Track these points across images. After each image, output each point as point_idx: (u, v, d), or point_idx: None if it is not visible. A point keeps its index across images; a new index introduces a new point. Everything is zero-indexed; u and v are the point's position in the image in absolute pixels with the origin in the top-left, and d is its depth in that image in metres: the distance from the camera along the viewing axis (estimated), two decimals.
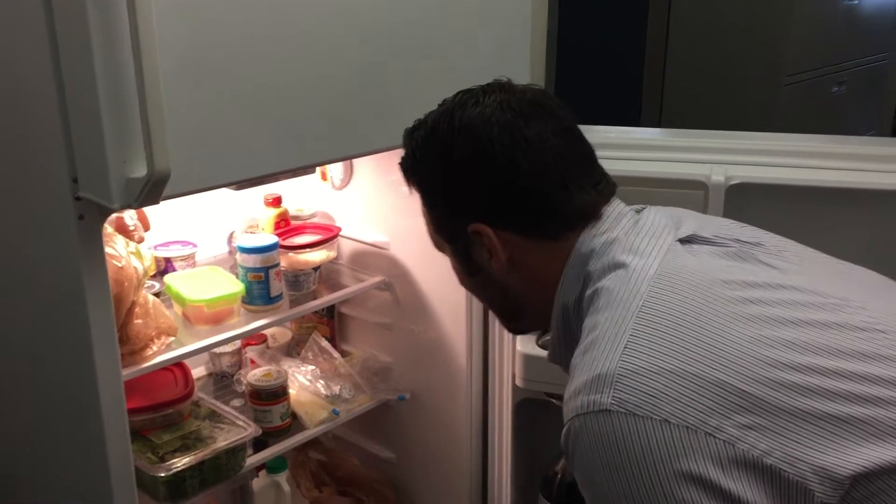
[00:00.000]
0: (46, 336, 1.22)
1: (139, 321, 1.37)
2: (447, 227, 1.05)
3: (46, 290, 1.18)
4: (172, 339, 1.42)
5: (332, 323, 1.91)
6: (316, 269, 1.69)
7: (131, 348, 1.36)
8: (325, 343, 1.79)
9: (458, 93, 1.02)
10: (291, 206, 1.78)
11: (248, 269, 1.54)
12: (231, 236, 1.76)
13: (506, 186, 0.97)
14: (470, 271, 1.06)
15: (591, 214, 0.99)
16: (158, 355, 1.38)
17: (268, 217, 1.70)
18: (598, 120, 1.01)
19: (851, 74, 3.28)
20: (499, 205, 0.99)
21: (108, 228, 1.42)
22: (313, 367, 1.75)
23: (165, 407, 1.49)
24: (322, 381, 1.73)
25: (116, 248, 1.35)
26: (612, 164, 1.00)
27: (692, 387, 0.80)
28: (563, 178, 0.98)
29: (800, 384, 0.81)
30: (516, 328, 1.17)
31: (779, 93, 2.98)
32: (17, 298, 1.26)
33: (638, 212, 1.01)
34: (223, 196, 1.67)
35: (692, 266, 0.92)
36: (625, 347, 0.83)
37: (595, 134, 1.02)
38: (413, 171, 1.05)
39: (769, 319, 0.86)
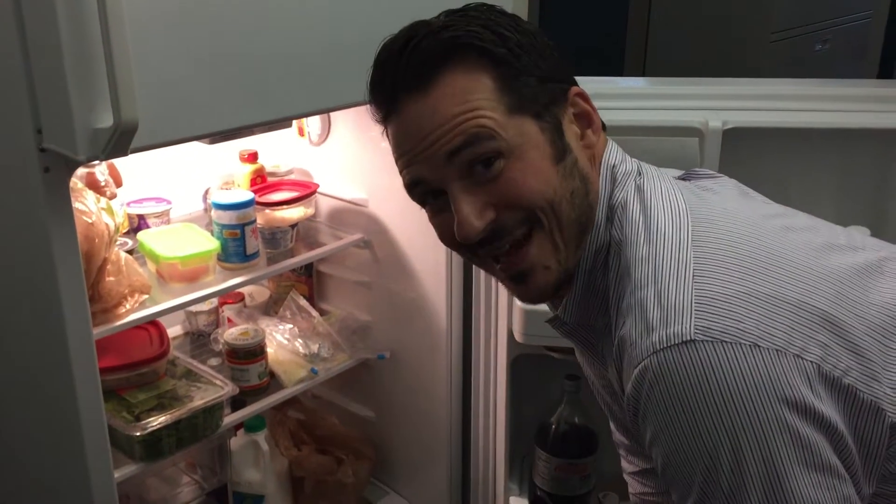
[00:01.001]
0: (13, 294, 1.19)
1: (111, 279, 1.34)
2: (541, 97, 0.89)
3: (13, 246, 1.15)
4: (146, 296, 1.40)
5: (311, 281, 1.89)
6: (293, 226, 1.67)
7: (103, 306, 1.33)
8: (303, 301, 1.77)
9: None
10: (268, 162, 1.75)
11: (223, 226, 1.51)
12: (206, 193, 1.73)
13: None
14: (559, 154, 0.89)
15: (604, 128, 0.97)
16: (132, 313, 1.36)
17: (243, 173, 1.67)
18: (579, 72, 0.98)
19: (835, 33, 3.26)
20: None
21: (78, 184, 1.39)
22: (291, 326, 1.73)
23: (140, 366, 1.47)
24: (300, 340, 1.71)
25: (87, 203, 1.31)
26: (603, 114, 0.97)
27: (772, 308, 0.77)
28: None
29: (870, 303, 0.80)
30: (568, 256, 0.92)
31: (763, 50, 2.95)
32: None
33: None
34: (198, 151, 1.64)
35: (714, 197, 0.90)
36: (694, 274, 0.79)
37: (582, 84, 1.00)
38: (496, 44, 0.87)
39: (808, 243, 0.84)
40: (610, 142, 0.95)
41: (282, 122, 1.32)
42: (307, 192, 1.68)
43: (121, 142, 0.96)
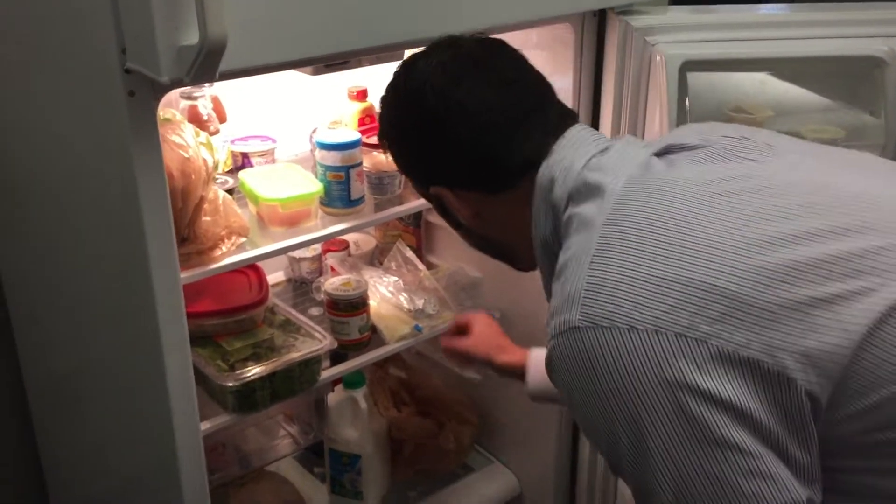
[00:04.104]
0: (96, 229, 1.13)
1: (208, 218, 1.27)
2: (418, 189, 1.10)
3: (96, 178, 1.08)
4: (244, 239, 1.32)
5: (419, 232, 1.79)
6: None
7: (199, 247, 1.26)
8: (409, 253, 1.67)
9: (413, 53, 1.06)
10: (378, 101, 1.63)
11: (327, 168, 1.41)
12: (313, 133, 1.63)
13: (448, 151, 1.00)
14: (453, 226, 1.11)
15: (541, 156, 0.98)
16: (228, 256, 1.28)
17: (351, 112, 1.56)
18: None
19: None
20: (447, 168, 1.02)
21: (177, 116, 1.32)
22: (396, 279, 1.63)
23: (238, 312, 1.40)
24: (405, 294, 1.61)
25: (184, 137, 1.24)
26: (764, 45, 0.81)
27: (658, 289, 0.79)
28: (506, 131, 0.98)
29: (773, 273, 0.79)
30: (523, 268, 1.15)
31: None
32: (66, 188, 1.18)
33: (604, 147, 0.97)
34: (305, 88, 1.56)
35: (662, 173, 0.90)
36: (590, 263, 0.83)
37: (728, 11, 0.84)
38: (382, 135, 1.11)
39: (739, 211, 0.83)
40: (546, 160, 0.98)
41: (392, 53, 1.20)
42: None
43: (207, 62, 0.86)
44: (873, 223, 0.83)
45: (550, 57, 1.41)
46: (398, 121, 1.06)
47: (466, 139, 0.98)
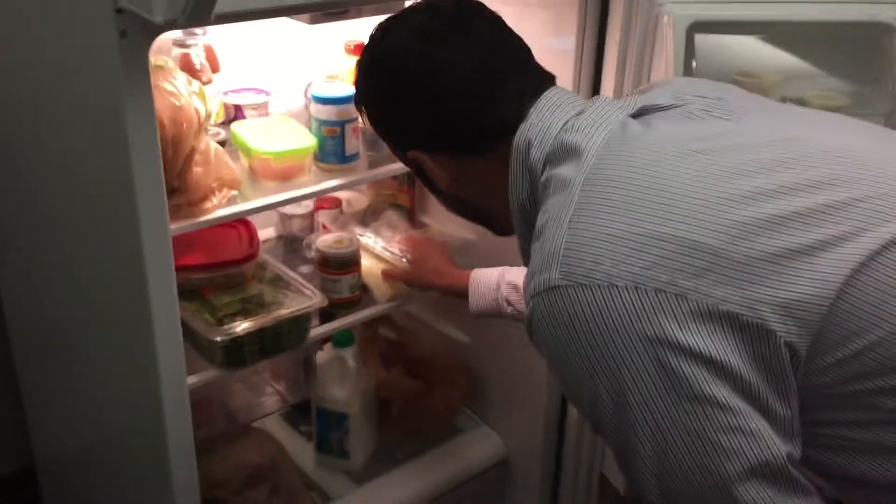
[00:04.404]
0: (86, 173, 1.10)
1: (199, 169, 1.24)
2: (396, 154, 1.10)
3: (85, 122, 1.05)
4: (235, 192, 1.29)
5: (413, 192, 1.76)
6: None
7: (189, 198, 1.23)
8: (402, 215, 1.65)
9: (388, 17, 1.04)
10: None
11: (322, 122, 1.38)
12: (308, 88, 1.60)
13: (427, 114, 1.00)
14: (432, 190, 1.11)
15: (518, 119, 0.98)
16: (219, 209, 1.26)
17: (349, 66, 1.52)
18: None
19: None
20: (425, 132, 1.03)
21: (169, 62, 1.28)
22: (389, 238, 1.60)
23: (227, 266, 1.38)
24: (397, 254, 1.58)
25: (176, 85, 1.20)
26: (773, 8, 0.79)
27: (638, 245, 0.79)
28: (484, 93, 0.99)
29: (750, 227, 0.79)
30: (501, 232, 1.13)
31: None
32: (54, 132, 1.15)
33: (581, 109, 0.97)
34: (301, 39, 1.52)
35: (639, 133, 0.90)
36: (569, 223, 0.83)
37: None
38: (359, 100, 1.10)
39: (715, 168, 0.83)
40: (524, 123, 0.98)
41: (392, 3, 1.17)
42: None
43: (202, 3, 0.83)
44: (849, 176, 0.83)
45: (553, 16, 1.37)
46: (376, 84, 1.06)
47: (444, 101, 0.99)
